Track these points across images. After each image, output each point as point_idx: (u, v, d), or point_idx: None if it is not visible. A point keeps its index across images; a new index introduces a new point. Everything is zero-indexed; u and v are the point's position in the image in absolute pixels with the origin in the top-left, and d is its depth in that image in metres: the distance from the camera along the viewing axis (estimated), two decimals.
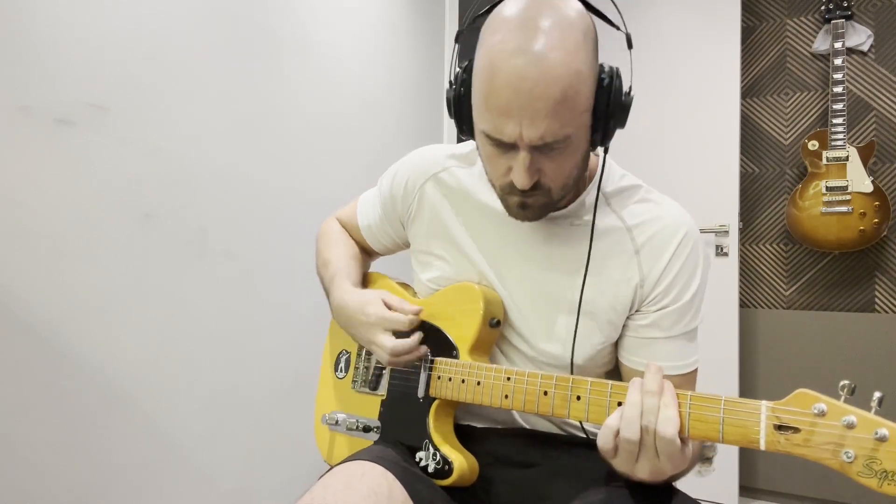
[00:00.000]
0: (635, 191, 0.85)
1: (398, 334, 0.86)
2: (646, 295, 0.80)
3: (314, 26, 1.79)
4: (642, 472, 0.65)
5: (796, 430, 0.57)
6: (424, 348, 0.86)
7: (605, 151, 0.78)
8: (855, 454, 0.53)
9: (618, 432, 0.64)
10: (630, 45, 0.76)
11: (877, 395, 0.55)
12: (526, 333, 0.85)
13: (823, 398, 0.56)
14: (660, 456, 0.63)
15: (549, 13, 0.67)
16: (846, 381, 0.56)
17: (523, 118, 0.67)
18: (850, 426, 0.54)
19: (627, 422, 0.63)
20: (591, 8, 0.73)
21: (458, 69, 0.77)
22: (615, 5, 0.77)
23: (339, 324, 0.95)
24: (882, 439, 0.52)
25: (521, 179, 0.71)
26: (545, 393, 0.73)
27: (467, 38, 0.79)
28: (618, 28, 0.77)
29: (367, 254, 1.09)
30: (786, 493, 2.41)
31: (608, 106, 0.71)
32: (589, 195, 0.84)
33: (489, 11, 0.72)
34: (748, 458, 2.46)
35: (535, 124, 0.67)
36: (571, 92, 0.67)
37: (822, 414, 0.56)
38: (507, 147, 0.71)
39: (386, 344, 0.83)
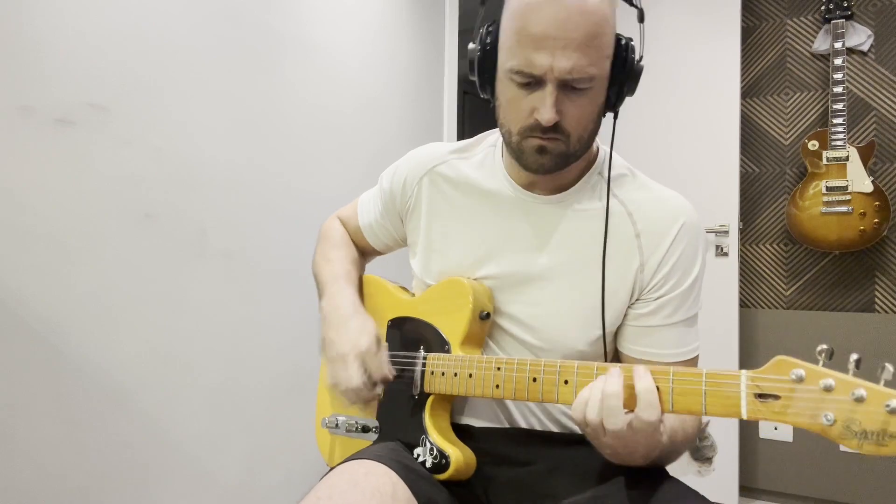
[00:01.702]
0: (633, 177, 0.86)
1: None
2: (646, 282, 0.81)
3: (314, 26, 1.79)
4: (609, 446, 0.67)
5: (776, 397, 0.57)
6: (371, 409, 0.89)
7: (615, 117, 0.81)
8: (834, 417, 0.54)
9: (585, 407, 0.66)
10: (641, 20, 0.80)
11: (853, 356, 0.55)
12: (527, 320, 0.85)
13: (802, 363, 0.57)
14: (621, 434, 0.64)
15: None
16: (824, 346, 0.57)
17: (556, 48, 0.70)
18: (829, 389, 0.54)
19: (593, 404, 0.65)
20: None
21: (483, 29, 0.80)
22: None
23: (325, 324, 0.93)
24: (860, 400, 0.53)
25: (546, 113, 0.73)
26: (534, 379, 0.73)
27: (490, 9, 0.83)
28: (632, 4, 0.81)
29: (364, 256, 1.10)
30: (786, 493, 2.41)
31: (625, 65, 0.76)
32: (590, 181, 0.85)
33: None
34: (748, 458, 2.46)
35: (566, 55, 0.70)
36: (600, 31, 0.72)
37: (800, 379, 0.56)
38: (533, 85, 0.74)
39: (353, 377, 0.83)
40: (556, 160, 0.78)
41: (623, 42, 0.76)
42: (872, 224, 2.18)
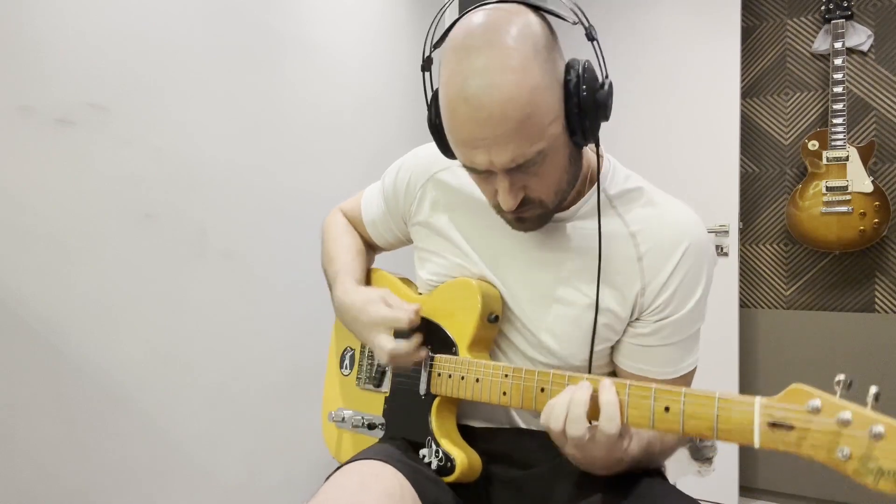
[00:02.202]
0: (640, 193, 0.83)
1: (399, 334, 0.85)
2: (646, 304, 0.80)
3: (314, 26, 1.79)
4: (571, 455, 0.69)
5: (791, 427, 0.55)
6: (424, 351, 0.86)
7: (597, 145, 0.76)
8: (850, 452, 0.52)
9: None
10: (589, 38, 0.73)
11: (873, 389, 0.53)
12: (527, 334, 0.85)
13: (818, 393, 0.55)
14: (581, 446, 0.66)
15: (493, 37, 0.66)
16: (842, 377, 0.55)
17: (490, 147, 0.67)
18: (846, 423, 0.52)
19: (557, 412, 0.66)
20: (541, 10, 0.71)
21: (429, 97, 0.78)
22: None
23: (342, 321, 0.95)
24: (878, 436, 0.51)
25: (505, 203, 0.72)
26: (542, 390, 0.73)
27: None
28: (574, 23, 0.73)
29: (371, 248, 1.09)
30: (786, 493, 2.41)
31: (580, 105, 0.69)
32: (592, 197, 0.83)
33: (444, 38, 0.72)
34: (748, 458, 2.46)
35: (501, 150, 0.67)
36: (531, 108, 0.66)
37: (816, 411, 0.54)
38: (485, 174, 0.72)
39: (385, 345, 0.83)
40: (539, 221, 0.78)
41: (573, 83, 0.69)
42: (872, 224, 2.18)
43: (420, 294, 0.96)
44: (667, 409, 0.63)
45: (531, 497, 0.83)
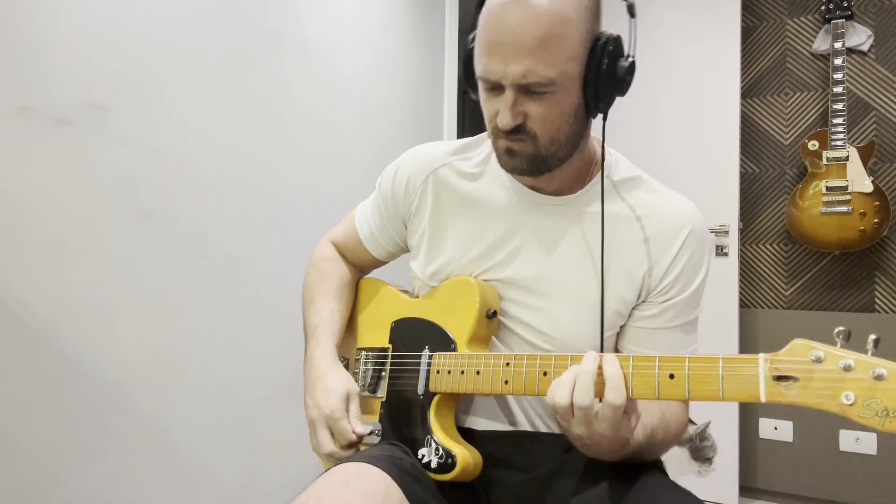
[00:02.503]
0: (641, 181, 0.86)
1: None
2: (653, 285, 0.82)
3: (314, 27, 1.79)
4: (577, 436, 0.68)
5: (795, 378, 0.57)
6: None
7: (605, 118, 0.79)
8: (854, 396, 0.53)
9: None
10: (632, 14, 0.78)
11: (871, 337, 0.55)
12: (532, 322, 0.85)
13: (819, 345, 0.57)
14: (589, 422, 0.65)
15: None
16: (841, 328, 0.57)
17: (507, 54, 0.71)
18: (848, 369, 0.54)
19: (564, 386, 0.66)
20: None
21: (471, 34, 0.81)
22: None
23: (305, 379, 0.94)
24: (880, 378, 0.52)
25: (503, 118, 0.74)
26: (545, 374, 0.73)
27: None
28: None
29: (362, 271, 1.08)
30: (786, 493, 2.41)
31: (600, 64, 0.73)
32: (597, 184, 0.85)
33: None
34: (748, 458, 2.46)
35: (517, 60, 0.70)
36: (555, 33, 0.70)
37: (819, 360, 0.56)
38: (496, 89, 0.75)
39: (324, 445, 0.84)
40: (528, 162, 0.78)
41: (602, 41, 0.73)
42: (872, 224, 2.18)
43: (417, 296, 0.96)
44: (671, 376, 0.63)
45: (532, 498, 0.83)
